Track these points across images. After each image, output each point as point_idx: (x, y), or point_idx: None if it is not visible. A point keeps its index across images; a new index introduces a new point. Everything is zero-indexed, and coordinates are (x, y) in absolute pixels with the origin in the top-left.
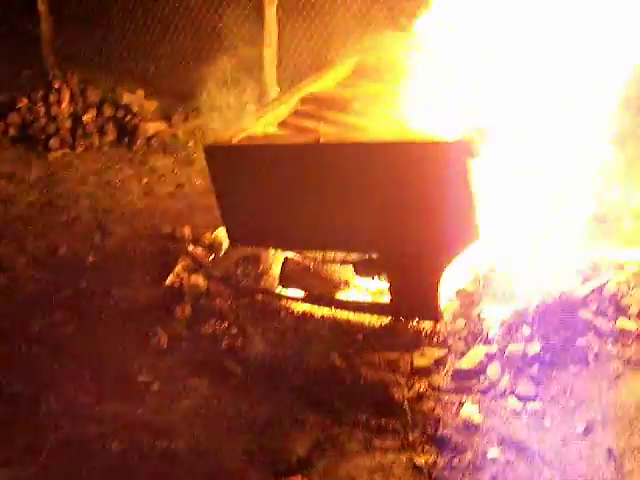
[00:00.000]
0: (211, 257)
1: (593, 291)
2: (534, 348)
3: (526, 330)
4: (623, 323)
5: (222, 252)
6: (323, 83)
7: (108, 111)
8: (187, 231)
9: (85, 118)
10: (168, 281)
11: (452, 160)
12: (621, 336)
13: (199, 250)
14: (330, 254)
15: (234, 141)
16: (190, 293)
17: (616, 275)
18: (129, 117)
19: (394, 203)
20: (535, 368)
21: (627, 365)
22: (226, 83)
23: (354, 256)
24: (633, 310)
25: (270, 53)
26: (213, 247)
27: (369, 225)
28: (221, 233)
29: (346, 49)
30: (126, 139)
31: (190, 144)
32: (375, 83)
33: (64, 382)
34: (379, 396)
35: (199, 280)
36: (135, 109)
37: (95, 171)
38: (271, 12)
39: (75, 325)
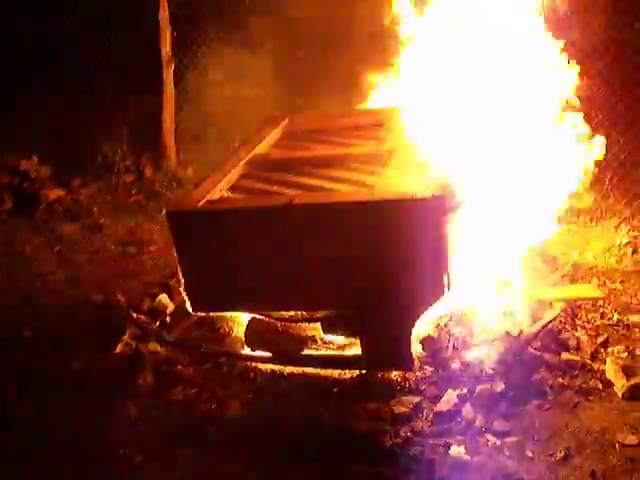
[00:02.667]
0: (157, 323)
1: (543, 328)
2: (499, 387)
3: (489, 370)
4: (567, 356)
5: (168, 317)
6: (261, 145)
7: (4, 179)
8: (122, 298)
9: None
10: (118, 350)
11: (428, 216)
12: (568, 368)
13: (142, 317)
14: (297, 313)
15: (199, 206)
16: (150, 360)
17: (553, 313)
18: (26, 184)
19: (368, 260)
20: (503, 405)
21: (579, 394)
22: (122, 146)
23: (320, 313)
24: (572, 343)
25: (169, 116)
26: (156, 313)
27: (341, 282)
28: (163, 298)
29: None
30: (25, 207)
31: (94, 209)
32: (312, 144)
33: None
34: (368, 446)
35: (157, 347)
36: (33, 175)
37: (1, 241)
38: (169, 75)
39: (34, 404)
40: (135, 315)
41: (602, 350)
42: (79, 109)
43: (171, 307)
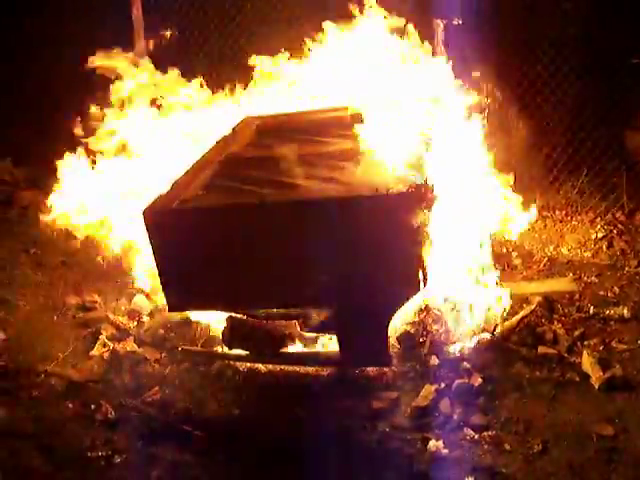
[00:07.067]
0: (134, 324)
1: (519, 323)
2: (476, 381)
3: (466, 365)
4: (544, 349)
5: (145, 318)
6: (234, 144)
7: None
8: (99, 300)
9: None
10: (96, 351)
11: (401, 211)
12: (545, 361)
13: (120, 318)
14: (274, 311)
15: (174, 205)
16: (127, 361)
17: (529, 307)
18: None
19: (342, 256)
20: (481, 399)
21: (556, 387)
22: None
23: (297, 311)
24: (548, 337)
25: None
26: (134, 314)
27: (316, 279)
28: (140, 299)
29: None
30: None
31: None
32: (286, 142)
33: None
34: (346, 442)
35: (134, 347)
36: (7, 178)
37: None
38: None
39: (8, 407)
40: (112, 316)
41: (578, 343)
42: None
43: (148, 307)
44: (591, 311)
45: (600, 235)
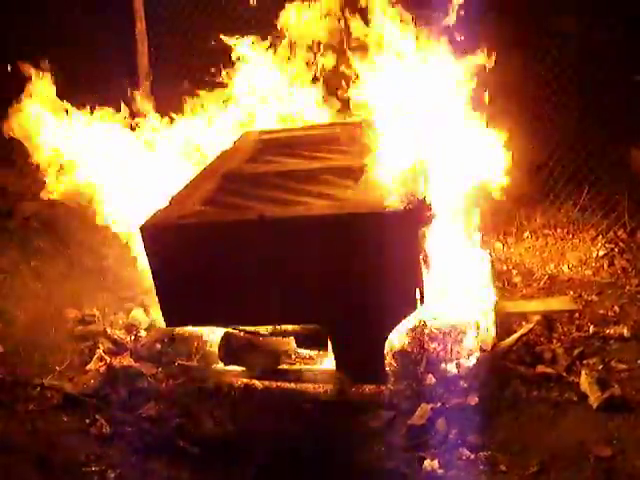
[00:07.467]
0: (131, 338)
1: (517, 341)
2: (473, 400)
3: (463, 384)
4: (542, 368)
5: (143, 333)
6: (236, 159)
7: None
8: (97, 313)
9: None
10: (92, 365)
11: (400, 229)
12: (543, 381)
13: (117, 332)
14: (271, 327)
15: (172, 221)
16: (123, 376)
17: (528, 326)
18: (2, 198)
19: (342, 273)
20: (477, 419)
21: (554, 406)
22: None
23: (294, 327)
24: (547, 356)
25: None
26: (131, 328)
27: (313, 296)
28: (138, 314)
29: None
30: (2, 220)
31: (72, 223)
32: (290, 158)
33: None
34: (341, 460)
35: (131, 362)
36: (10, 189)
37: None
38: None
39: (4, 420)
40: (109, 330)
41: (577, 362)
42: None
43: (146, 322)
44: (591, 330)
45: (601, 253)
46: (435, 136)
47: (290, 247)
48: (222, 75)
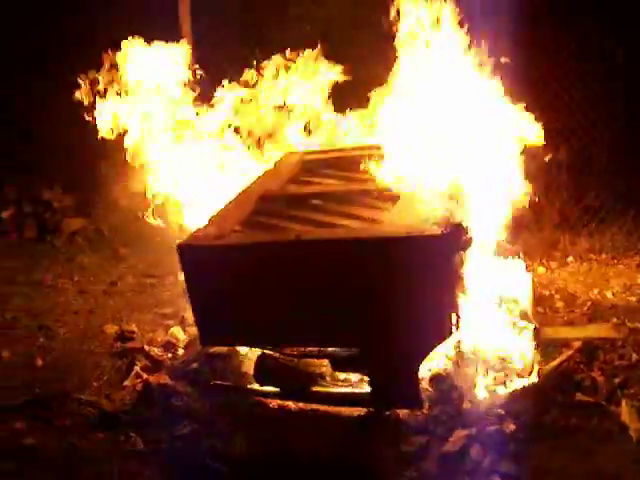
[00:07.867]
0: (169, 356)
1: (557, 368)
2: (509, 427)
3: (499, 411)
4: (581, 397)
5: (180, 350)
6: (276, 180)
7: (27, 208)
8: (136, 330)
9: (4, 215)
10: (129, 382)
11: (436, 253)
12: (582, 409)
13: (155, 349)
14: (306, 349)
15: (210, 240)
16: (159, 394)
17: (568, 352)
18: (49, 213)
19: (375, 297)
20: (513, 446)
21: (592, 436)
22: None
23: (330, 349)
24: (587, 384)
25: None
26: (169, 346)
27: (348, 319)
28: (177, 331)
29: None
30: (48, 236)
31: (116, 239)
32: (331, 180)
33: None
34: None
35: (167, 380)
36: (55, 205)
37: (22, 269)
38: None
39: (39, 436)
40: (147, 347)
41: (618, 392)
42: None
43: (184, 340)
44: (633, 358)
45: None
46: (475, 158)
47: (326, 269)
48: None
